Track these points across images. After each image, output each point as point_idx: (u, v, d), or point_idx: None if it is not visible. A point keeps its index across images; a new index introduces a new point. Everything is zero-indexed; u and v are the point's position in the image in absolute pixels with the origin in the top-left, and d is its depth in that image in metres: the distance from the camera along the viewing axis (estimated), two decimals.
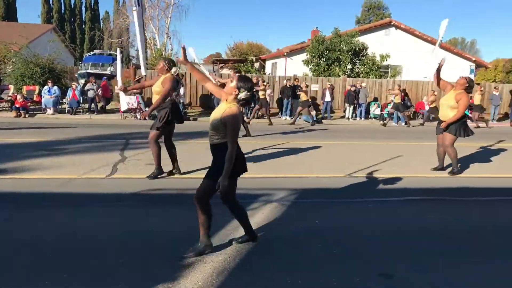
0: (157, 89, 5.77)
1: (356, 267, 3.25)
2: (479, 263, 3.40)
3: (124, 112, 14.43)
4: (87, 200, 4.81)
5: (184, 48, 3.81)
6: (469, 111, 16.40)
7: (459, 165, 6.67)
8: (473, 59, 25.70)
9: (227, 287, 2.93)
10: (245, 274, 3.10)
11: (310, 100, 14.89)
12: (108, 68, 23.66)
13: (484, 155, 8.70)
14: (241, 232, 3.82)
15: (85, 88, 15.52)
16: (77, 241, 3.61)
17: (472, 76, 23.83)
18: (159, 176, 5.89)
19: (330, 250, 3.57)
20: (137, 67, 18.70)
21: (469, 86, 6.40)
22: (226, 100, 3.32)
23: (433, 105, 15.04)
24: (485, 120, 15.82)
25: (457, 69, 23.58)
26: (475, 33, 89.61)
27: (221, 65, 32.03)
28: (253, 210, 4.54)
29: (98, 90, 15.82)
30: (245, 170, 3.49)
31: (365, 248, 3.63)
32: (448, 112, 6.42)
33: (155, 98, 5.80)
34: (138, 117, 14.30)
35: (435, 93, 15.67)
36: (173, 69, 5.80)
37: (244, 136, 9.94)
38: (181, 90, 14.60)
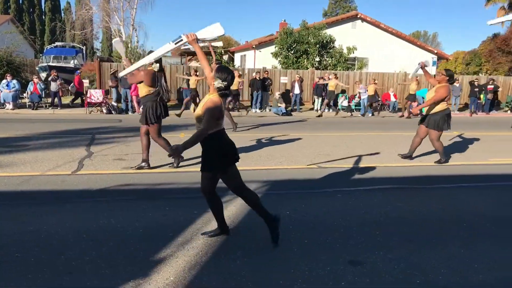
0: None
1: (327, 256, 3.31)
2: (445, 248, 3.55)
3: (89, 106, 14.02)
4: (52, 198, 4.65)
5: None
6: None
7: (444, 159, 6.93)
8: (435, 51, 26.56)
9: (200, 281, 2.91)
10: (217, 268, 3.10)
11: (334, 91, 15.87)
12: (72, 61, 22.82)
13: (447, 144, 9.04)
14: (212, 226, 3.81)
15: (49, 79, 14.94)
16: (41, 239, 3.48)
17: (434, 68, 24.63)
18: (180, 163, 6.19)
19: (301, 240, 3.62)
20: (102, 59, 18.18)
21: (450, 79, 6.63)
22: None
23: (372, 93, 15.98)
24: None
25: (420, 60, 24.32)
26: (436, 26, 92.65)
27: (189, 57, 31.58)
28: (225, 203, 4.50)
29: (62, 85, 15.26)
30: (235, 161, 3.51)
31: (335, 237, 3.70)
32: (432, 105, 6.64)
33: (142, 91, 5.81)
34: (104, 111, 13.92)
35: (376, 81, 16.54)
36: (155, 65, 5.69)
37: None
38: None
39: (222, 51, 27.64)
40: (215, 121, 3.29)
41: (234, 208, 4.36)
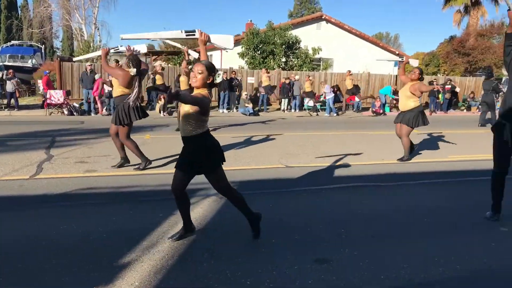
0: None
1: (294, 256, 3.33)
2: (406, 243, 3.66)
3: (48, 107, 13.49)
4: (8, 203, 4.43)
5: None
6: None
7: (407, 157, 7.19)
8: (397, 52, 27.45)
9: (166, 285, 2.86)
10: (184, 271, 3.05)
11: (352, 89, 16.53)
12: (29, 60, 21.88)
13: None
14: (175, 231, 3.76)
15: (3, 78, 14.24)
16: None
17: (396, 69, 25.44)
18: (147, 166, 5.99)
19: (269, 241, 3.63)
20: (62, 59, 17.54)
21: (421, 77, 6.98)
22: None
23: (308, 90, 16.45)
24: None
25: (383, 61, 25.05)
26: (398, 28, 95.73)
27: (154, 57, 31.01)
28: (192, 205, 4.42)
29: (19, 85, 14.59)
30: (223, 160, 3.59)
31: (302, 236, 3.74)
32: (406, 101, 6.89)
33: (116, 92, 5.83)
34: (66, 112, 13.44)
35: (310, 77, 16.95)
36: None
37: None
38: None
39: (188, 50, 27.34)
40: (204, 114, 3.28)
41: (201, 210, 4.32)
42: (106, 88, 13.52)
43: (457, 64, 28.78)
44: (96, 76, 14.04)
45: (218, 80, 3.34)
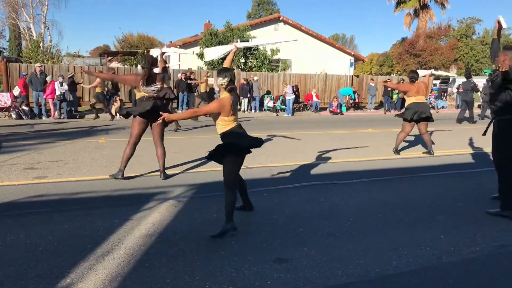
0: None
1: (254, 256, 3.33)
2: (363, 239, 3.75)
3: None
4: None
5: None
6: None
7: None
8: (352, 53, 28.22)
9: None
10: (141, 277, 2.97)
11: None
12: None
13: (363, 140, 9.65)
14: (132, 237, 3.66)
15: None
16: None
17: (351, 69, 26.19)
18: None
19: (228, 242, 3.61)
20: (9, 60, 16.63)
21: (412, 77, 7.75)
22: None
23: (203, 91, 14.80)
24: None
25: (339, 62, 25.73)
26: (353, 30, 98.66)
27: (109, 58, 30.11)
28: (148, 210, 4.37)
29: None
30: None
31: (262, 237, 3.75)
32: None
33: None
34: (14, 116, 12.74)
35: (208, 74, 16.35)
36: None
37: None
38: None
39: (145, 51, 26.75)
40: (223, 113, 3.76)
41: (158, 215, 4.22)
42: (58, 91, 12.95)
43: (409, 64, 30.04)
44: (48, 78, 13.40)
45: (219, 82, 3.80)
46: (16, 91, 13.22)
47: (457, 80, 24.45)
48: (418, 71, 8.44)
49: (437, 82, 25.76)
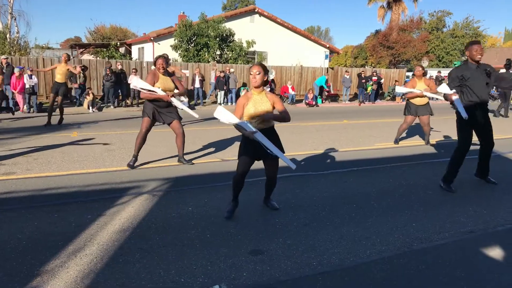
0: None
1: (229, 249, 3.33)
2: (337, 228, 3.81)
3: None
4: None
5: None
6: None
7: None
8: (327, 45, 28.42)
9: None
10: (114, 273, 2.92)
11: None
12: None
13: (340, 133, 9.77)
14: (106, 232, 3.59)
15: None
16: None
17: (327, 61, 26.39)
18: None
19: (204, 235, 3.59)
20: None
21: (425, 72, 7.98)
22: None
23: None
24: None
25: (315, 54, 25.88)
26: (328, 22, 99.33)
27: (81, 50, 29.27)
28: (122, 204, 4.29)
29: None
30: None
31: (237, 229, 3.74)
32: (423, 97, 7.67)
33: None
34: None
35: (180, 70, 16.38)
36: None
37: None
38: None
39: (118, 43, 26.16)
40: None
41: (132, 209, 4.15)
42: (28, 84, 12.50)
43: (383, 56, 30.52)
44: (16, 70, 12.90)
45: (271, 77, 3.72)
46: None
47: (429, 72, 25.02)
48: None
49: (410, 74, 26.26)
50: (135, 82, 5.80)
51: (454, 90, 4.96)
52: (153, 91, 5.61)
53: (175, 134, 6.02)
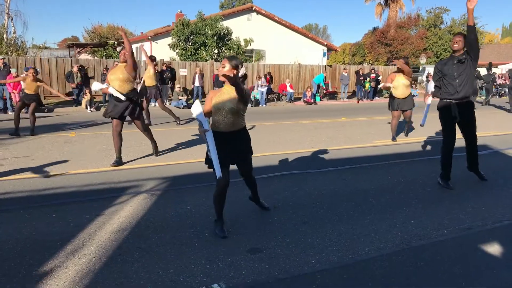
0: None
1: (228, 248, 3.33)
2: (335, 226, 3.81)
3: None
4: None
5: None
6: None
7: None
8: (325, 43, 28.41)
9: None
10: (112, 273, 2.91)
11: None
12: None
13: (338, 130, 9.77)
14: (104, 232, 3.59)
15: None
16: None
17: (325, 59, 26.37)
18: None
19: (202, 234, 3.59)
20: None
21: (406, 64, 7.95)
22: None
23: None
24: None
25: (313, 52, 25.87)
26: (326, 20, 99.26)
27: (78, 49, 29.20)
28: (120, 204, 4.29)
29: None
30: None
31: (236, 228, 3.74)
32: (405, 90, 7.86)
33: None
34: None
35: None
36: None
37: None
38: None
39: (116, 42, 26.10)
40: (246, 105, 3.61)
41: (130, 209, 4.15)
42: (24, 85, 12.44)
43: (380, 53, 30.50)
44: (13, 71, 12.85)
45: (242, 72, 3.58)
46: None
47: (426, 69, 25.07)
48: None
49: None
50: (94, 86, 6.16)
51: (431, 90, 4.96)
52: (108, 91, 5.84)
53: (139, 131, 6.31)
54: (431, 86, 5.09)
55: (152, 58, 10.17)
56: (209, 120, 3.59)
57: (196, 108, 3.50)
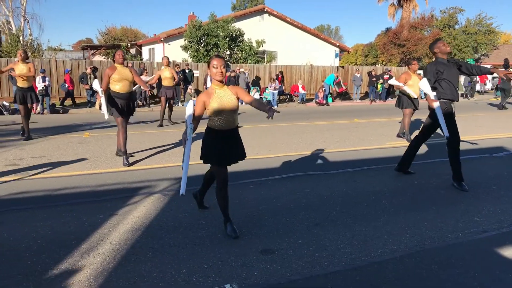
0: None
1: (240, 248, 3.34)
2: (348, 228, 3.79)
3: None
4: None
5: None
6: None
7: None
8: (337, 44, 28.26)
9: None
10: (127, 272, 2.94)
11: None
12: None
13: (351, 131, 9.71)
14: (118, 232, 3.63)
15: None
16: None
17: (337, 60, 26.24)
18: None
19: (214, 234, 3.60)
20: None
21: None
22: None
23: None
24: None
25: (325, 53, 25.77)
26: (338, 21, 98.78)
27: (92, 51, 29.60)
28: (134, 204, 4.34)
29: None
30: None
31: (248, 228, 3.75)
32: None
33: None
34: None
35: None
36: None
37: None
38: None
39: (129, 44, 26.37)
40: None
41: (143, 209, 4.19)
42: (40, 86, 12.68)
43: (393, 54, 30.22)
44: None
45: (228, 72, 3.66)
46: None
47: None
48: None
49: (421, 72, 25.98)
50: (95, 85, 6.17)
51: (435, 94, 4.93)
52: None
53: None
54: (424, 84, 4.97)
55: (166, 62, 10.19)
56: (193, 127, 3.56)
57: (189, 109, 3.53)
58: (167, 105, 10.32)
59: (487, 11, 67.80)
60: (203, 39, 19.48)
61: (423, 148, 7.61)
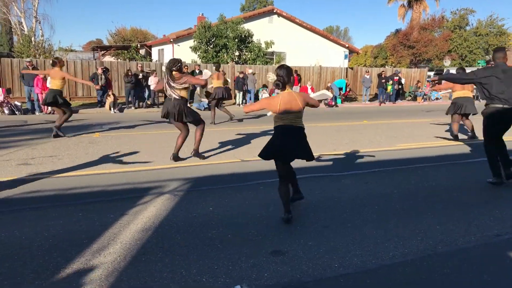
0: None
1: (250, 249, 3.33)
2: (358, 230, 3.76)
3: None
4: None
5: None
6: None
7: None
8: (347, 45, 28.18)
9: None
10: (137, 272, 2.96)
11: None
12: None
13: (359, 133, 9.66)
14: (128, 231, 3.65)
15: None
16: None
17: (346, 61, 26.15)
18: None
19: (225, 235, 3.60)
20: (1, 55, 16.39)
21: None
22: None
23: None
24: None
25: (334, 54, 25.69)
26: (347, 22, 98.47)
27: (102, 52, 29.86)
28: (144, 204, 4.35)
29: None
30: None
31: (258, 229, 3.74)
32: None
33: None
34: (6, 112, 12.61)
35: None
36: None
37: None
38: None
39: (138, 45, 26.56)
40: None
41: (154, 209, 4.21)
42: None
43: (403, 56, 30.06)
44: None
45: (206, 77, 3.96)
46: None
47: (450, 71, 24.48)
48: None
49: (431, 73, 25.80)
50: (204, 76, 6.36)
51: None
52: None
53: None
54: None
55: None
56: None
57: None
58: (219, 103, 11.06)
59: (498, 12, 67.03)
60: (212, 40, 19.53)
61: (435, 151, 7.55)
